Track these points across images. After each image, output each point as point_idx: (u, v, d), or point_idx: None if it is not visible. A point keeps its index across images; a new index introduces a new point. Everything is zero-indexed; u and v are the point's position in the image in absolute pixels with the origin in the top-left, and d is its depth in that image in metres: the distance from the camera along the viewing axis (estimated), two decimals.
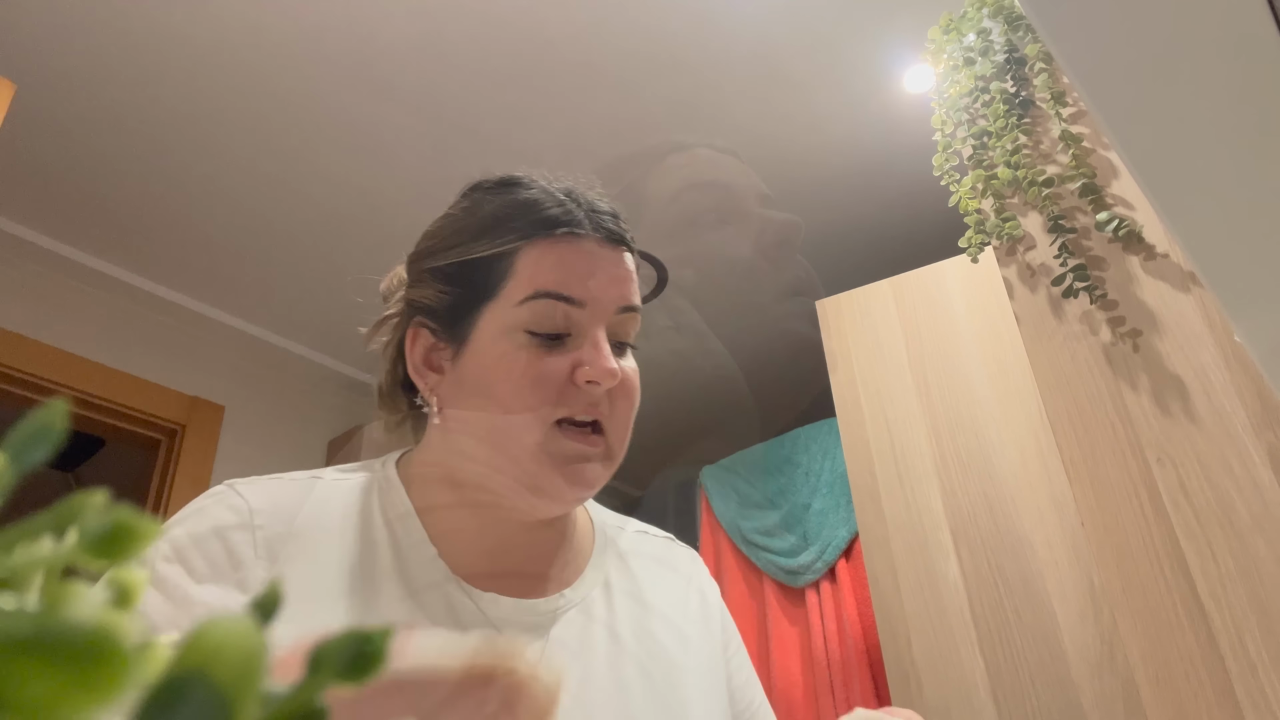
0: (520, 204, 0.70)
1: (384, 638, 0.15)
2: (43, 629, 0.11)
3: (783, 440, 2.45)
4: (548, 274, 0.66)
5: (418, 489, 0.71)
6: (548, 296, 0.66)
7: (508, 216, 0.69)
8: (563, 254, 0.67)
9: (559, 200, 0.69)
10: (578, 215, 0.69)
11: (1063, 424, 1.34)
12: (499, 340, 0.66)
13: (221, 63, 1.76)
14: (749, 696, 0.78)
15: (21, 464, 0.15)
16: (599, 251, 0.69)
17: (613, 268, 0.70)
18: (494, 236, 0.68)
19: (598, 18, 1.74)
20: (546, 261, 0.67)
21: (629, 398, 0.71)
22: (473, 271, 0.69)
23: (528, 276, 0.66)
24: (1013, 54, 1.56)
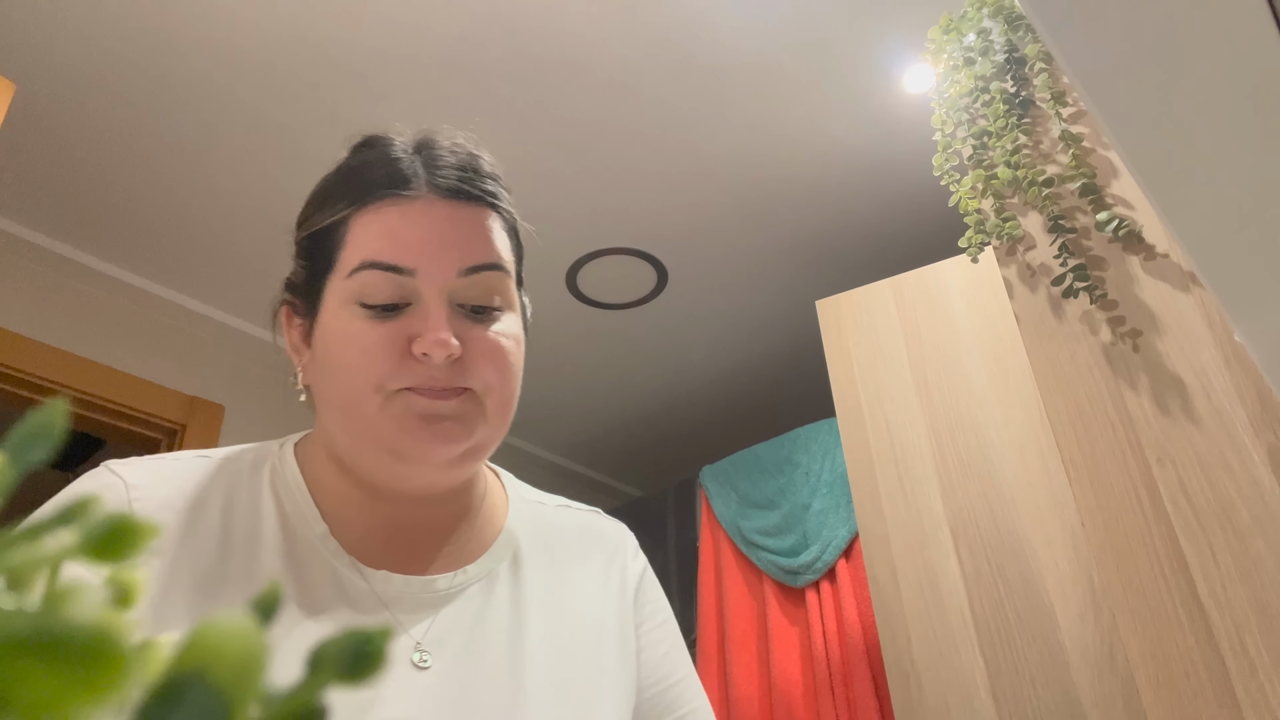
0: (351, 169, 0.67)
1: (383, 637, 0.15)
2: (43, 629, 0.11)
3: (783, 440, 2.45)
4: (372, 242, 0.63)
5: (311, 468, 0.69)
6: (372, 267, 0.62)
7: (340, 183, 0.67)
8: (388, 220, 0.64)
9: (391, 160, 0.66)
10: (410, 175, 0.65)
11: (1063, 424, 1.34)
12: (338, 314, 0.64)
13: (221, 63, 1.76)
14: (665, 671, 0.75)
15: (21, 464, 0.15)
16: (432, 212, 0.64)
17: (450, 228, 0.64)
18: (330, 206, 0.66)
19: (598, 17, 1.74)
20: (372, 229, 0.64)
21: (491, 362, 0.65)
22: (316, 245, 0.67)
23: (356, 246, 0.64)
24: (1013, 54, 1.56)
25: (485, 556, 0.71)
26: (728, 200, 2.24)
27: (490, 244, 0.66)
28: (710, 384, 3.02)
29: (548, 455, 3.33)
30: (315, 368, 0.67)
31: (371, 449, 0.63)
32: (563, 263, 2.40)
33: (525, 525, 0.76)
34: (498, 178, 0.70)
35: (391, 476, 0.65)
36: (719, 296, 2.59)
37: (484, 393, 0.64)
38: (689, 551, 2.63)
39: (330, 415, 0.65)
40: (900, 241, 2.40)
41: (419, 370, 0.62)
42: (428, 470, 0.64)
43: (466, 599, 0.67)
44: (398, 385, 0.62)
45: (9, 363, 1.97)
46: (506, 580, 0.70)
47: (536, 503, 0.80)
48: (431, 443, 0.62)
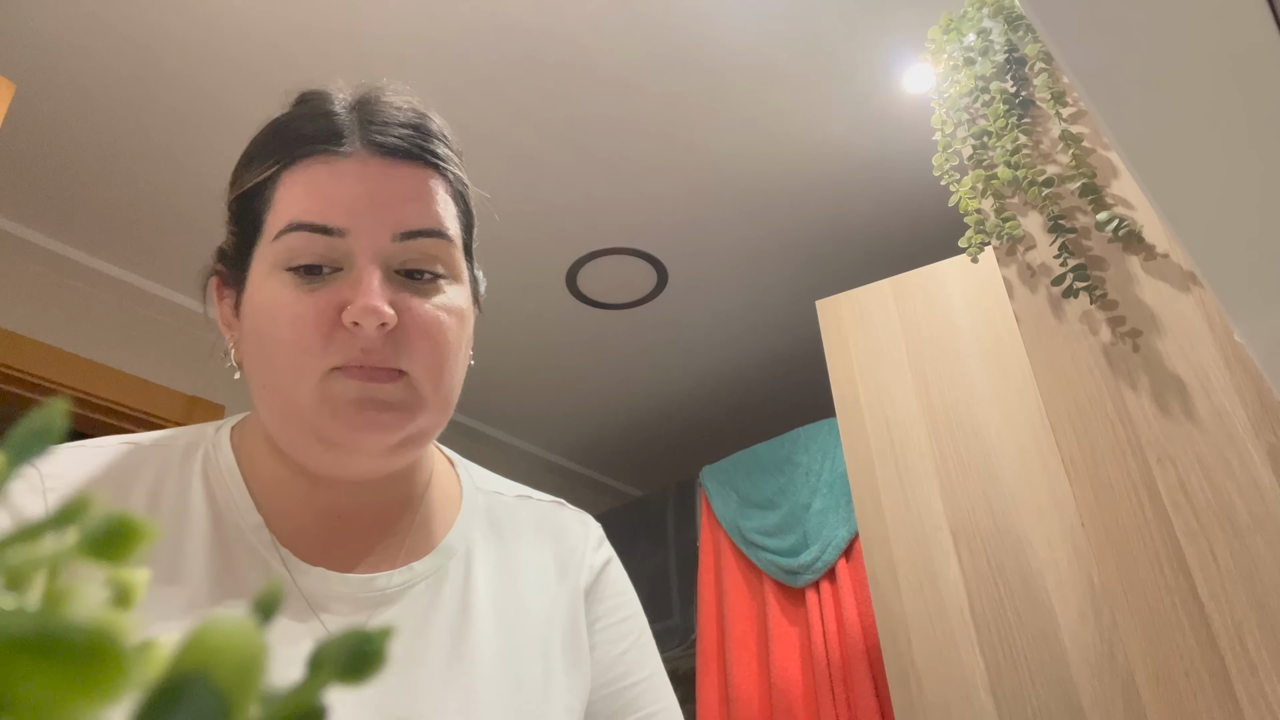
0: (281, 124, 0.62)
1: (383, 637, 0.15)
2: (43, 629, 0.11)
3: (783, 440, 2.45)
4: (300, 202, 0.58)
5: (247, 451, 0.65)
6: (299, 229, 0.57)
7: (269, 140, 0.62)
8: (317, 177, 0.58)
9: (322, 113, 0.61)
10: (343, 130, 0.60)
11: (1063, 424, 1.34)
12: (264, 283, 0.59)
13: (221, 63, 1.76)
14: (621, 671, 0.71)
15: (21, 464, 0.15)
16: (366, 171, 0.59)
17: (385, 187, 0.59)
18: (256, 164, 0.61)
19: (598, 17, 1.74)
20: (299, 188, 0.58)
21: (430, 338, 0.59)
22: (245, 206, 0.62)
23: (283, 207, 0.59)
24: (1013, 54, 1.56)
25: (434, 553, 0.66)
26: (728, 200, 2.24)
27: (430, 208, 0.61)
28: (710, 384, 3.02)
29: (548, 455, 3.33)
30: (245, 343, 0.62)
31: (301, 435, 0.59)
32: (563, 263, 2.40)
33: (479, 518, 0.72)
34: (446, 139, 0.65)
35: (322, 464, 0.61)
36: (719, 296, 2.59)
37: (420, 376, 0.59)
38: (689, 551, 2.63)
39: (260, 395, 0.60)
40: (900, 241, 2.40)
41: (349, 344, 0.57)
42: (361, 458, 0.60)
43: (411, 599, 0.63)
44: (329, 363, 0.57)
45: (9, 363, 1.97)
46: (456, 578, 0.66)
47: (494, 492, 0.75)
48: (364, 431, 0.57)
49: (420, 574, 0.65)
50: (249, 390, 0.63)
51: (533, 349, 2.73)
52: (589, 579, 0.73)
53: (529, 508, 0.76)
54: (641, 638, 0.74)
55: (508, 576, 0.69)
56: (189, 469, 0.64)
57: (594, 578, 0.74)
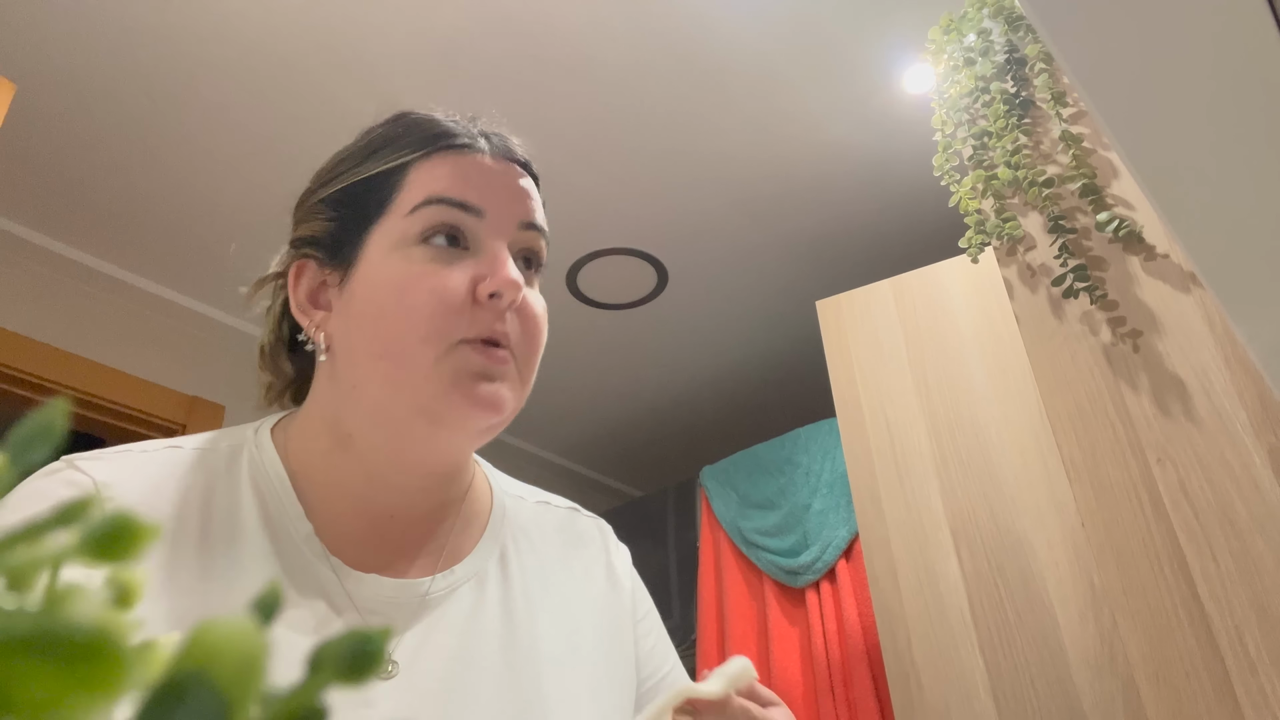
0: (413, 123, 0.67)
1: (383, 637, 0.15)
2: (43, 629, 0.11)
3: (783, 440, 2.45)
4: (441, 181, 0.63)
5: (296, 452, 0.65)
6: (441, 202, 0.62)
7: (399, 135, 0.66)
8: (458, 163, 0.64)
9: (450, 121, 0.67)
10: (474, 133, 0.66)
11: (1063, 424, 1.34)
12: (390, 257, 0.61)
13: (222, 63, 1.76)
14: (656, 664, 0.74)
15: (21, 464, 0.15)
16: (497, 167, 0.65)
17: (514, 183, 0.66)
18: (385, 154, 0.65)
19: (598, 17, 1.74)
20: (440, 170, 0.63)
21: (535, 323, 0.64)
22: (361, 192, 0.65)
23: (420, 186, 0.63)
24: (1013, 54, 1.56)
25: (473, 555, 0.68)
26: (728, 200, 2.24)
27: (540, 209, 0.68)
28: (710, 384, 3.02)
29: (548, 455, 3.33)
30: (348, 322, 0.62)
31: (407, 407, 0.60)
32: (563, 263, 2.40)
33: (509, 521, 0.73)
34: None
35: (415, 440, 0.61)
36: (719, 296, 2.59)
37: (522, 362, 0.63)
38: (689, 551, 2.63)
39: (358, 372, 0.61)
40: (900, 241, 2.40)
41: (480, 317, 0.60)
42: (458, 435, 0.61)
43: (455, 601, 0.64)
44: (461, 334, 0.59)
45: (9, 363, 1.97)
46: (495, 579, 0.68)
47: (518, 497, 0.77)
48: (479, 407, 0.60)
49: (462, 577, 0.66)
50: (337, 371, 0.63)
51: None
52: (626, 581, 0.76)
53: (549, 513, 0.78)
54: (662, 631, 0.78)
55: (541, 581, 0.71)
56: (236, 475, 0.63)
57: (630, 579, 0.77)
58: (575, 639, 0.68)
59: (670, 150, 2.07)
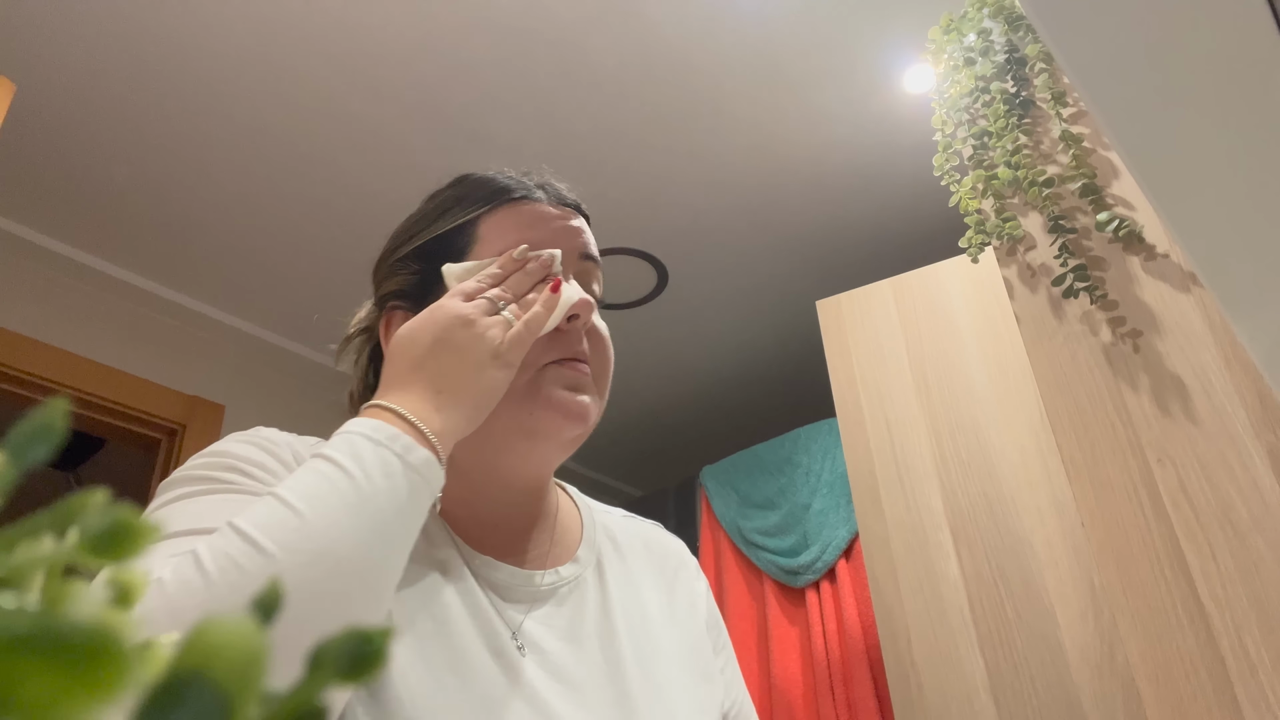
0: (477, 182, 0.75)
1: (384, 637, 0.15)
2: (43, 628, 0.11)
3: (783, 440, 2.45)
4: (511, 232, 0.71)
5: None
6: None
7: (467, 194, 0.74)
8: (522, 213, 0.72)
9: (512, 175, 0.75)
10: (531, 185, 0.75)
11: (1063, 424, 1.34)
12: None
13: (222, 63, 1.76)
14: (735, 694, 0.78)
15: (21, 464, 0.15)
16: (555, 211, 0.74)
17: (570, 222, 0.74)
18: (454, 213, 0.73)
19: (599, 17, 1.74)
20: (509, 222, 0.71)
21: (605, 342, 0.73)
22: (439, 246, 0.72)
23: (493, 238, 0.71)
24: (1013, 54, 1.56)
25: (573, 561, 0.74)
26: (728, 200, 2.24)
27: (594, 243, 0.76)
28: (710, 384, 3.02)
29: None
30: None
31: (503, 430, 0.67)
32: None
33: (600, 535, 0.79)
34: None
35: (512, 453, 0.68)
36: (719, 296, 2.59)
37: (598, 374, 0.71)
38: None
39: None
40: (900, 241, 2.40)
41: (564, 342, 0.68)
42: (551, 447, 0.69)
43: (559, 600, 0.70)
44: (549, 357, 0.67)
45: (9, 363, 1.97)
46: (594, 585, 0.73)
47: (604, 511, 0.83)
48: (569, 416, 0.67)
49: (565, 578, 0.72)
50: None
51: None
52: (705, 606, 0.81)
53: (637, 526, 0.84)
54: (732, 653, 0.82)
55: (632, 588, 0.76)
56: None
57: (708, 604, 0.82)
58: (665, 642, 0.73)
59: (670, 150, 2.07)
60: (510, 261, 0.68)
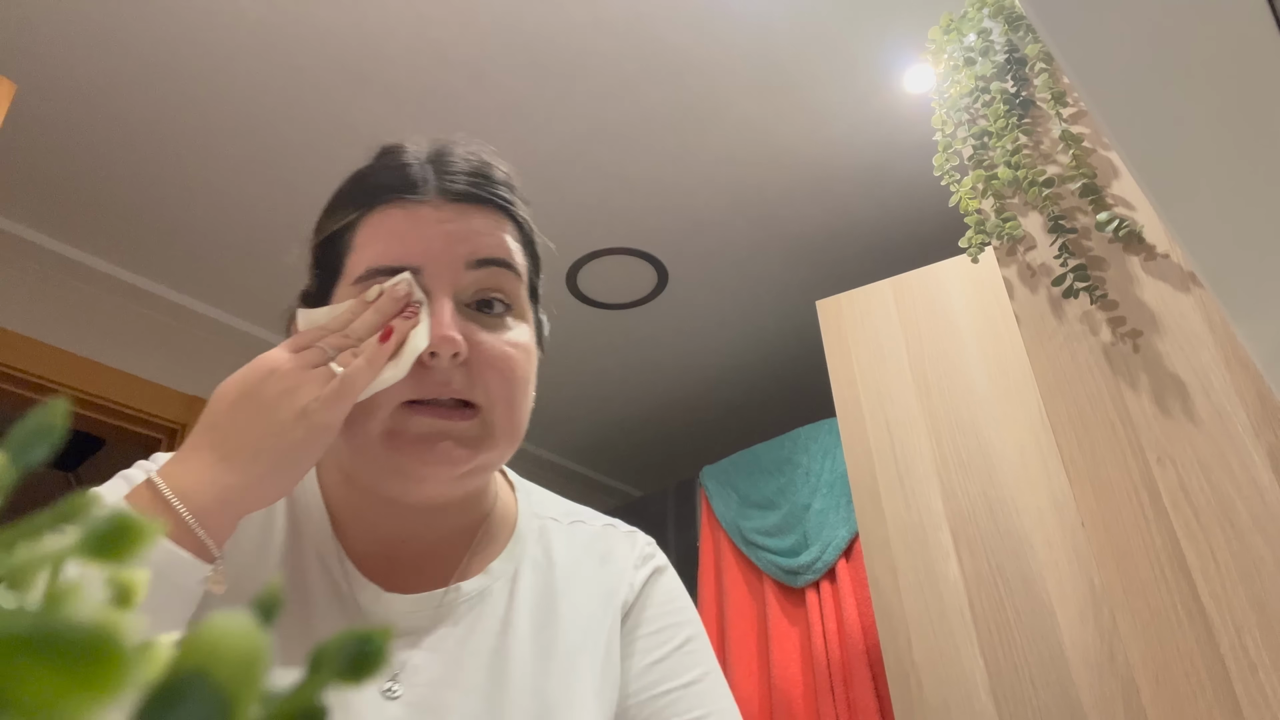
0: (361, 175, 0.67)
1: (384, 637, 0.15)
2: (43, 628, 0.11)
3: (783, 440, 2.45)
4: (378, 245, 0.62)
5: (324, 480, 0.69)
6: (377, 274, 0.61)
7: (349, 189, 0.67)
8: (394, 222, 0.63)
9: (400, 165, 0.65)
10: (418, 180, 0.64)
11: (1063, 424, 1.34)
12: None
13: (221, 63, 1.76)
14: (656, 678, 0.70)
15: (21, 464, 0.15)
16: (440, 214, 0.63)
17: (458, 226, 0.63)
18: (338, 212, 0.66)
19: (599, 17, 1.74)
20: (379, 232, 0.63)
21: (497, 370, 0.62)
22: (327, 252, 0.66)
23: (362, 251, 0.63)
24: (1013, 54, 1.56)
25: (482, 574, 0.69)
26: (728, 200, 2.24)
27: (501, 242, 0.65)
28: (710, 384, 3.02)
29: (548, 455, 3.33)
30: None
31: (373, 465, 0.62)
32: (563, 263, 2.40)
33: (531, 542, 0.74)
34: (513, 187, 0.69)
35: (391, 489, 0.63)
36: (719, 296, 2.59)
37: (489, 407, 0.62)
38: (689, 551, 2.63)
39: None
40: (900, 241, 2.40)
41: (428, 377, 0.60)
42: (428, 486, 0.62)
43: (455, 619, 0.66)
44: (405, 396, 0.60)
45: (9, 363, 1.97)
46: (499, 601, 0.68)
47: (549, 518, 0.77)
48: (434, 465, 0.60)
49: (465, 593, 0.67)
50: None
51: None
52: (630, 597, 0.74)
53: (580, 533, 0.77)
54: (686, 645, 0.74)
55: (550, 603, 0.70)
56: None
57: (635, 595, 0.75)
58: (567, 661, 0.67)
59: (670, 150, 2.07)
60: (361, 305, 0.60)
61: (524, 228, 0.69)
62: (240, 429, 0.55)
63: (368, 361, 0.57)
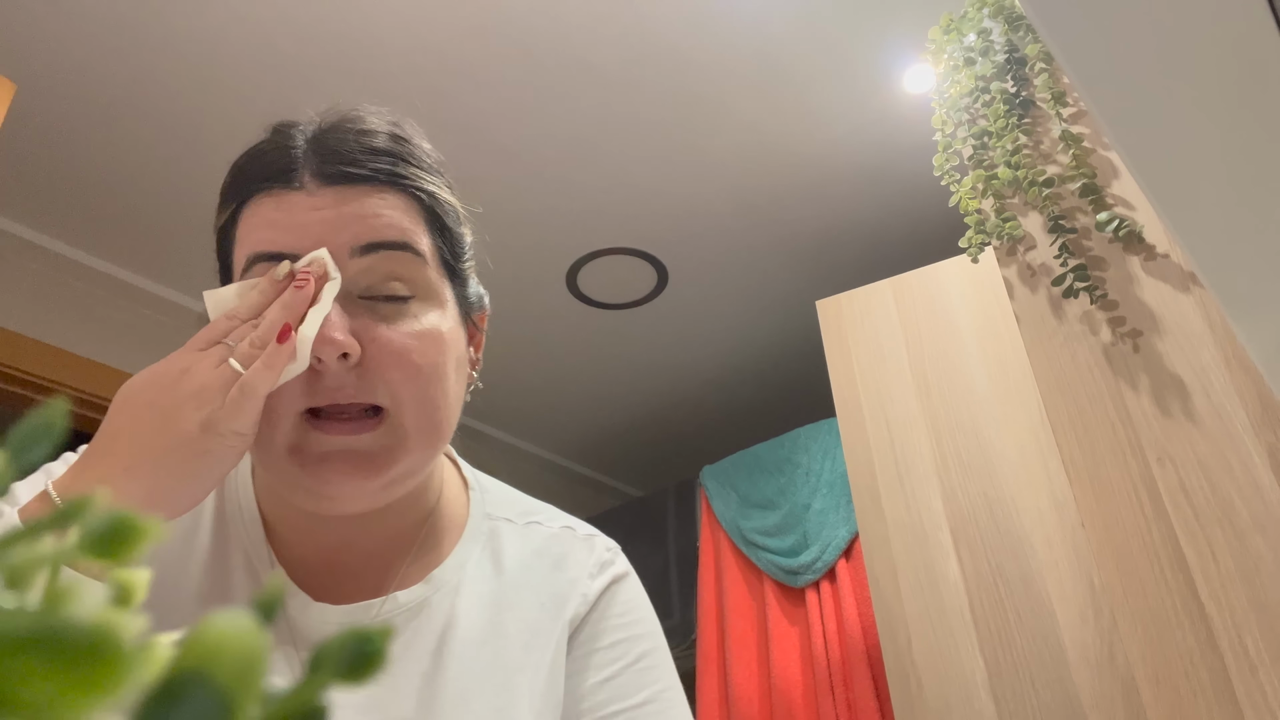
0: (237, 166, 0.62)
1: (384, 637, 0.15)
2: (43, 628, 0.11)
3: (783, 440, 2.45)
4: (255, 235, 0.58)
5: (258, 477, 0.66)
6: (258, 260, 0.57)
7: (230, 182, 0.62)
8: (270, 211, 0.58)
9: (276, 149, 0.60)
10: (293, 164, 0.58)
11: (1063, 424, 1.34)
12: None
13: (221, 63, 1.76)
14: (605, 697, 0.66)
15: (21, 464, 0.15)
16: (314, 200, 0.57)
17: (337, 211, 0.57)
18: (223, 206, 0.62)
19: (599, 17, 1.74)
20: (255, 222, 0.58)
21: (400, 367, 0.56)
22: (220, 243, 0.63)
23: (243, 243, 0.59)
24: (1013, 54, 1.56)
25: (422, 584, 0.64)
26: (728, 200, 2.24)
27: (390, 223, 0.58)
28: (710, 384, 3.02)
29: (548, 455, 3.33)
30: None
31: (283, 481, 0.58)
32: (563, 263, 2.40)
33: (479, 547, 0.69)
34: (416, 159, 0.62)
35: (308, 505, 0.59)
36: (719, 296, 2.59)
37: (397, 409, 0.56)
38: (689, 551, 2.63)
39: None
40: (900, 241, 2.40)
41: (318, 385, 0.55)
42: (342, 504, 0.58)
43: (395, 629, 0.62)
44: (299, 405, 0.55)
45: (9, 363, 1.97)
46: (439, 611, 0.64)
47: (503, 519, 0.72)
48: (340, 484, 0.56)
49: (402, 604, 0.63)
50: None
51: (533, 349, 2.73)
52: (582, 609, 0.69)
53: (534, 536, 0.72)
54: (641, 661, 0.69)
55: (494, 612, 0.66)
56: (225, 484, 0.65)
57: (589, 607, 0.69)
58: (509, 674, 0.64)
59: (670, 150, 2.07)
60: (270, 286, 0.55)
61: (425, 200, 0.62)
62: (143, 438, 0.51)
63: (265, 364, 0.52)
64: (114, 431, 0.52)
